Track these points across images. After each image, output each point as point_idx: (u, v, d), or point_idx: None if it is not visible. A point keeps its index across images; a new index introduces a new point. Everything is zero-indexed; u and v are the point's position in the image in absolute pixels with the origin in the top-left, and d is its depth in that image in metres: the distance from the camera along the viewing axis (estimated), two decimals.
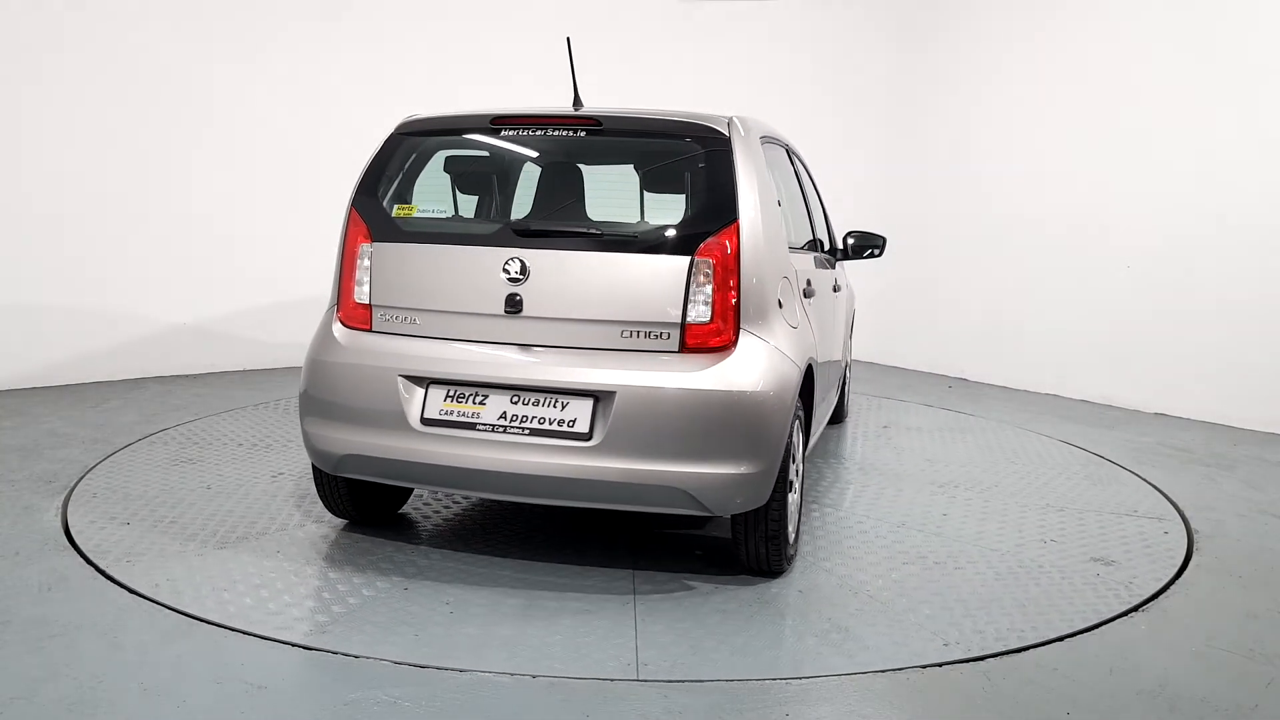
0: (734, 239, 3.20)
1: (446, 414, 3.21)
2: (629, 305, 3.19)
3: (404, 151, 3.62)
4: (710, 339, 3.16)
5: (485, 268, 3.28)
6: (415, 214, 3.58)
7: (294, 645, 2.83)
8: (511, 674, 2.69)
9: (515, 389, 3.20)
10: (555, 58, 8.30)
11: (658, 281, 3.18)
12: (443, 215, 3.73)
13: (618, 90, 8.17)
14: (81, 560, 3.45)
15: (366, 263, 3.43)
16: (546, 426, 3.14)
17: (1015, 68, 7.79)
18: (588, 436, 3.10)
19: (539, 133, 3.50)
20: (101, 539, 3.66)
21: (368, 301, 3.42)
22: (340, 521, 3.89)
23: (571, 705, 2.54)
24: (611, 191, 3.91)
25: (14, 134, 6.36)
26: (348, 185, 8.39)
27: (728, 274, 3.17)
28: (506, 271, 3.24)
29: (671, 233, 3.28)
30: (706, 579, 3.46)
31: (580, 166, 3.72)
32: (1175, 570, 3.64)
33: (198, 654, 2.76)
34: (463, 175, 3.98)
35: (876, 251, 5.02)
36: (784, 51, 9.05)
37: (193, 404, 6.12)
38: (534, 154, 3.84)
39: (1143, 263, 6.80)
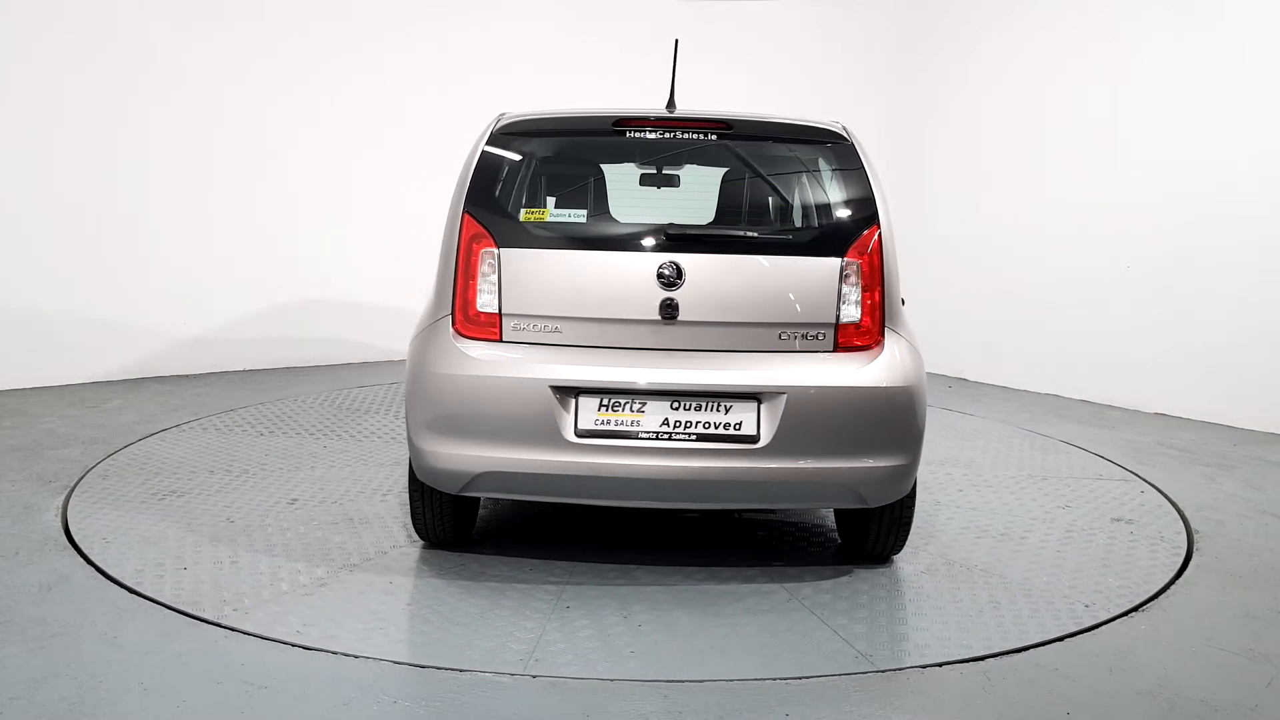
0: (876, 240, 3.30)
1: (603, 424, 3.11)
2: (784, 307, 3.23)
3: (512, 153, 3.47)
4: (861, 338, 3.26)
5: (637, 273, 3.19)
6: (549, 218, 3.45)
7: (293, 645, 2.83)
8: (511, 674, 2.69)
9: (676, 395, 3.13)
10: (555, 51, 8.31)
11: (810, 283, 3.24)
12: (580, 219, 3.59)
13: (619, 89, 8.17)
14: (81, 560, 3.45)
15: (492, 270, 3.24)
16: (713, 431, 3.11)
17: (1015, 68, 7.78)
18: (755, 439, 3.11)
19: (666, 135, 3.41)
20: (140, 571, 3.57)
21: (496, 310, 3.22)
22: (416, 542, 3.71)
23: (571, 705, 2.53)
24: (694, 193, 3.80)
25: (14, 136, 6.36)
26: (348, 187, 8.41)
27: (874, 274, 3.28)
28: (661, 276, 3.18)
29: (820, 235, 3.37)
30: (830, 568, 3.60)
31: (711, 170, 3.67)
32: (1175, 570, 3.64)
33: (198, 654, 2.76)
34: (582, 178, 3.86)
35: None
36: (783, 51, 9.05)
37: (192, 404, 6.12)
38: (655, 156, 3.73)
39: (1143, 263, 6.80)
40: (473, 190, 3.34)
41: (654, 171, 3.83)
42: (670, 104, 3.77)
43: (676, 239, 3.27)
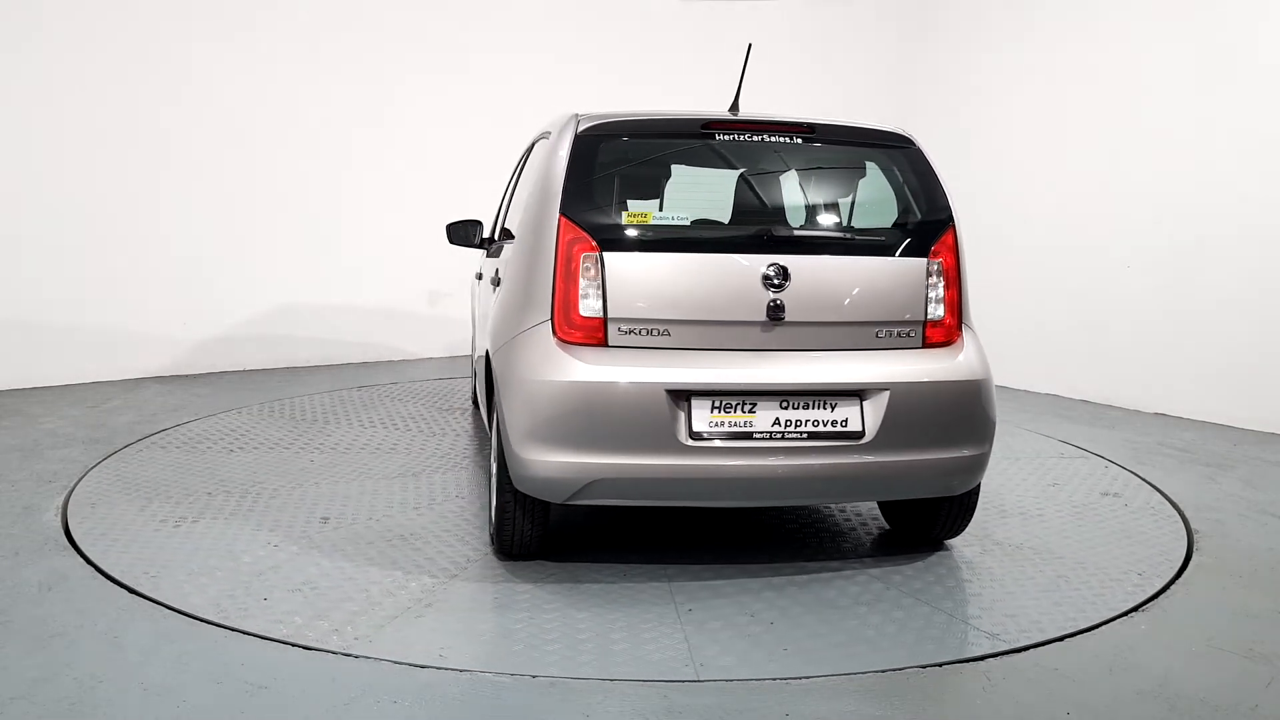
0: (953, 240, 3.48)
1: (717, 425, 3.13)
2: (879, 306, 3.34)
3: (599, 155, 3.38)
4: (945, 334, 3.43)
5: (744, 275, 3.23)
6: (652, 220, 3.41)
7: (294, 645, 2.83)
8: (512, 674, 2.69)
9: (785, 394, 3.17)
10: (555, 52, 8.31)
11: (900, 282, 3.37)
12: (684, 222, 3.54)
13: (621, 90, 8.18)
14: (81, 560, 3.45)
15: (595, 273, 3.18)
16: (822, 429, 3.18)
17: (1015, 67, 7.78)
18: (860, 434, 3.20)
19: (754, 138, 3.45)
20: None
21: (600, 315, 3.17)
22: (486, 554, 3.62)
23: (571, 705, 2.53)
24: (780, 195, 3.80)
25: (12, 136, 6.36)
26: (347, 187, 8.39)
27: (953, 273, 3.45)
28: (768, 278, 3.22)
29: (906, 236, 3.47)
30: (900, 555, 3.74)
31: (795, 172, 3.69)
32: (1175, 570, 3.63)
33: (198, 654, 2.76)
34: (674, 180, 3.83)
35: None
36: (783, 52, 9.05)
37: (193, 404, 6.12)
38: (742, 159, 3.73)
39: (1143, 263, 6.79)
40: (566, 193, 3.26)
41: (742, 173, 3.83)
42: (734, 107, 3.80)
43: (779, 240, 3.34)
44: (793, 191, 3.70)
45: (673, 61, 8.72)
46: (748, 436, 3.13)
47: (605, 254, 3.18)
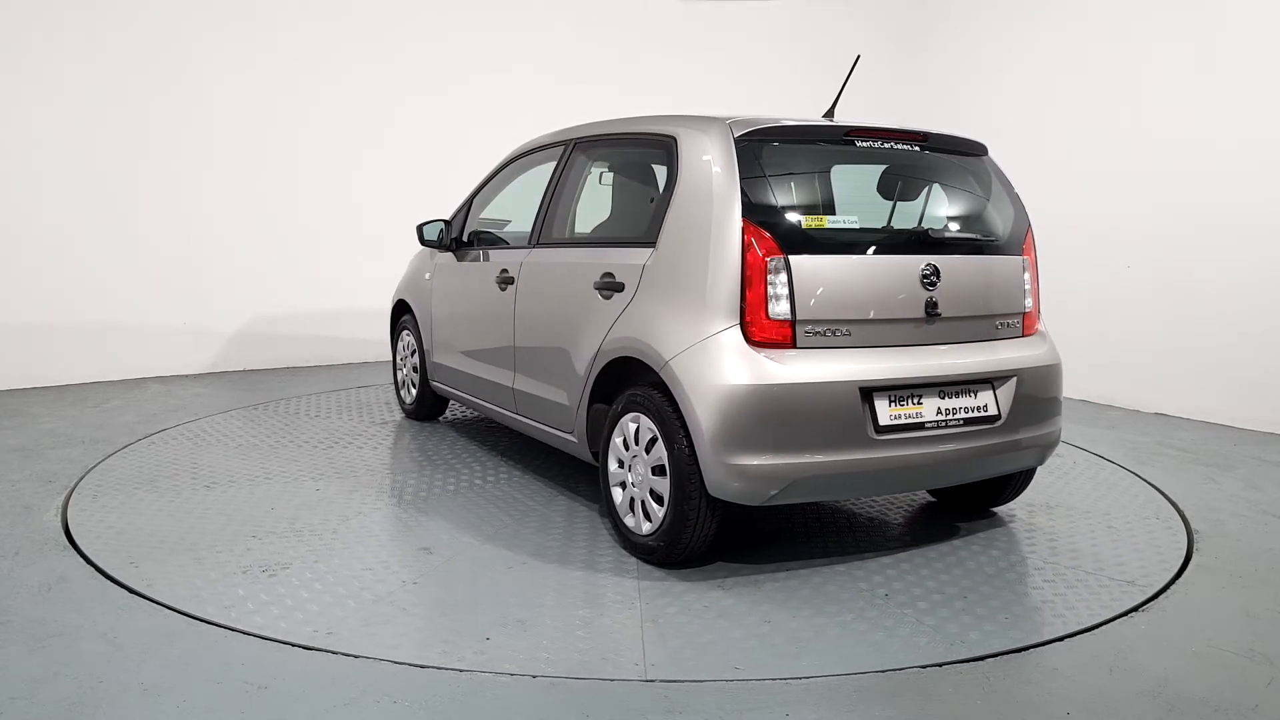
0: (1032, 238, 3.88)
1: (896, 418, 3.35)
2: (998, 300, 3.70)
3: (764, 160, 3.44)
4: (1033, 324, 3.85)
5: (905, 274, 3.46)
6: (827, 225, 3.49)
7: (294, 645, 2.83)
8: (512, 674, 2.69)
9: (943, 386, 3.46)
10: (554, 52, 8.30)
11: (1008, 278, 3.75)
12: (855, 226, 3.62)
13: (621, 90, 8.18)
14: (81, 560, 3.45)
15: (782, 277, 3.26)
16: (972, 415, 3.50)
17: (1015, 67, 7.78)
18: (998, 418, 3.55)
19: (885, 146, 3.64)
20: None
21: (789, 318, 3.26)
22: (633, 563, 3.53)
23: (571, 705, 2.53)
24: (904, 198, 3.93)
25: (11, 137, 6.36)
26: (346, 187, 8.38)
27: (1035, 268, 3.87)
28: (925, 277, 3.47)
29: (1007, 235, 3.83)
30: (977, 526, 4.03)
31: (916, 177, 3.86)
32: (1175, 570, 3.63)
33: (198, 654, 2.76)
34: (827, 185, 3.90)
35: None
36: (783, 52, 9.05)
37: (193, 404, 6.12)
38: (875, 164, 3.86)
39: (1143, 263, 6.79)
40: (745, 197, 3.32)
41: (880, 177, 3.93)
42: (830, 113, 4.04)
43: (932, 242, 3.62)
44: (921, 195, 3.88)
45: (672, 61, 8.72)
46: (920, 427, 3.38)
47: (791, 257, 3.29)
